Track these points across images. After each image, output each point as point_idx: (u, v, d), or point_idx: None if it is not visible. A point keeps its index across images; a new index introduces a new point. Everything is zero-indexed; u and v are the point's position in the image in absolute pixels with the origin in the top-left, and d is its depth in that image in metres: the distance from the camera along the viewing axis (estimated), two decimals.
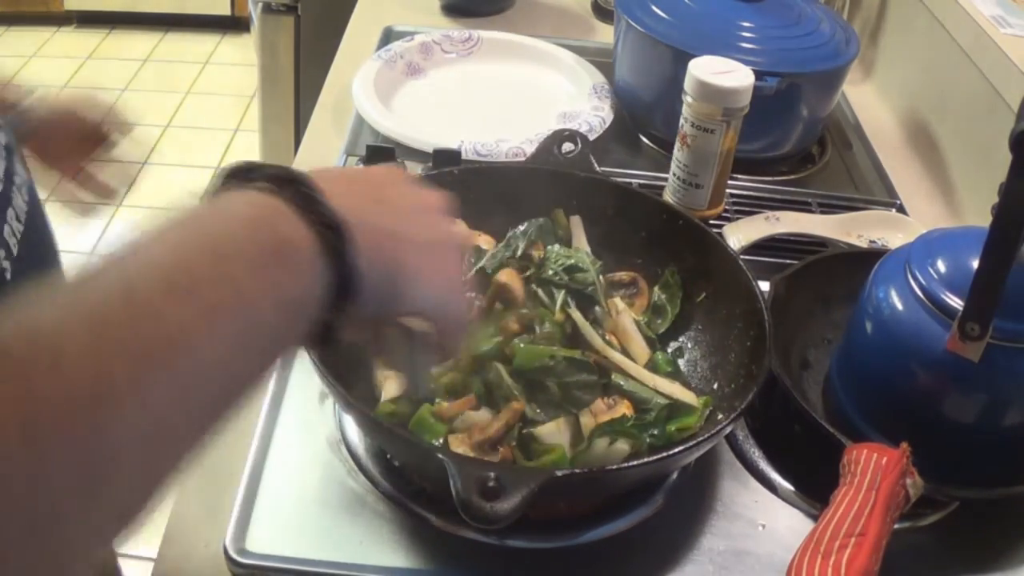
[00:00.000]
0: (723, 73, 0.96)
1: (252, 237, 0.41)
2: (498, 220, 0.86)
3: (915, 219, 1.06)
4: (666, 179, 1.04)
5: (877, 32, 1.45)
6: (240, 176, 0.44)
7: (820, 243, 1.01)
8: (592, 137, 1.09)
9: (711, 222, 0.99)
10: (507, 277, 0.80)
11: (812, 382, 0.84)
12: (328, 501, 0.70)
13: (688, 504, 0.73)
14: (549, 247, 0.84)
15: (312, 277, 0.42)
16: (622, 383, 0.74)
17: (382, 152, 1.06)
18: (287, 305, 0.41)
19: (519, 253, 0.83)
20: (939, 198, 1.19)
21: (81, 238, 1.82)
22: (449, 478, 0.57)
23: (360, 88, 1.19)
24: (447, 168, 0.92)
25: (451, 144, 1.07)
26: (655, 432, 0.70)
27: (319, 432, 0.75)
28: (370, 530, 0.68)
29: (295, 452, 0.74)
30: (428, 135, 1.11)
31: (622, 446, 0.69)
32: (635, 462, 0.66)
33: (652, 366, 0.78)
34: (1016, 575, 0.72)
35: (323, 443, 0.75)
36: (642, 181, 1.08)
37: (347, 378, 0.69)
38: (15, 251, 0.67)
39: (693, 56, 0.99)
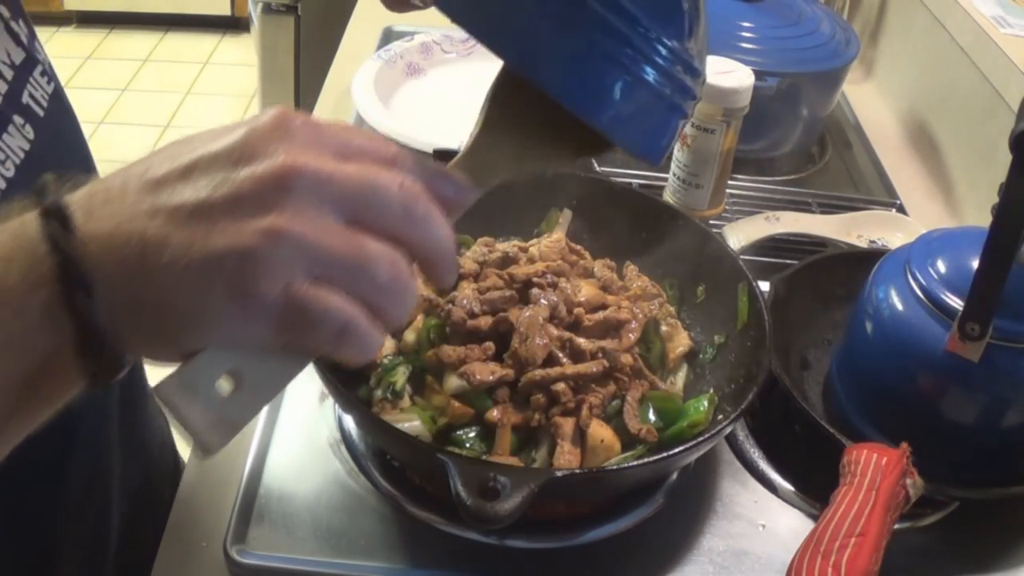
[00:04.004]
0: (723, 73, 0.96)
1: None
2: (498, 220, 0.86)
3: (915, 219, 1.06)
4: (666, 179, 1.04)
5: (877, 32, 1.45)
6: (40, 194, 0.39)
7: (820, 243, 1.01)
8: None
9: (711, 222, 0.99)
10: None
11: (812, 382, 0.84)
12: (328, 501, 0.70)
13: (688, 504, 0.73)
14: None
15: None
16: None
17: None
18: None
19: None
20: (939, 198, 1.19)
21: None
22: (449, 478, 0.57)
23: (360, 88, 1.19)
24: None
25: (451, 144, 1.06)
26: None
27: (319, 432, 0.75)
28: (370, 530, 0.68)
29: (295, 452, 0.74)
30: (428, 135, 1.10)
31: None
32: (635, 462, 0.66)
33: None
34: (1016, 575, 0.72)
35: (323, 443, 0.75)
36: (642, 181, 1.08)
37: (347, 378, 0.69)
38: None
39: None
